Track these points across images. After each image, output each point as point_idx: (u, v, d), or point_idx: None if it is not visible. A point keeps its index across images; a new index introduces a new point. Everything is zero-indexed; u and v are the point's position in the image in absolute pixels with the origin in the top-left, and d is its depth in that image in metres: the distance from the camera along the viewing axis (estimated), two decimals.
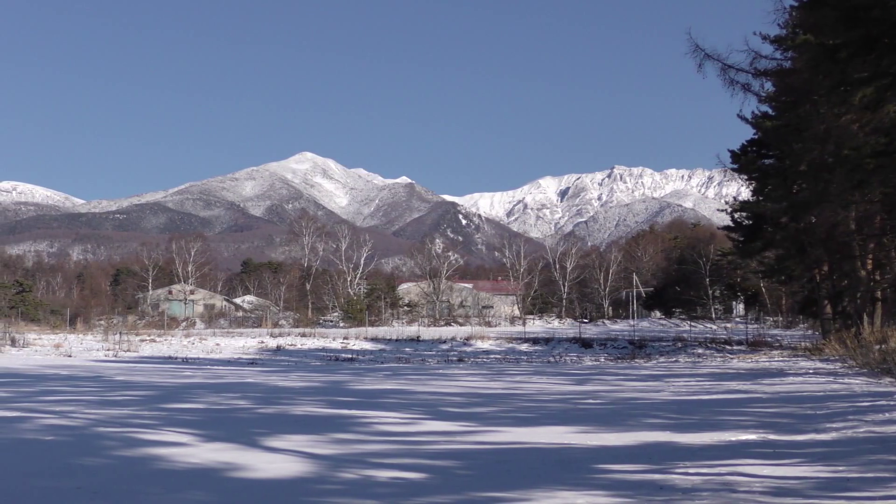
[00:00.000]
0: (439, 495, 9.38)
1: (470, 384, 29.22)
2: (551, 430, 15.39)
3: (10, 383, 26.71)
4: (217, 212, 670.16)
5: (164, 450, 12.47)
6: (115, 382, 28.27)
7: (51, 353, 51.54)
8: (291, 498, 9.24)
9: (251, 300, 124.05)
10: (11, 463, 11.25)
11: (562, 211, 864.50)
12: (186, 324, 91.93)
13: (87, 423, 15.85)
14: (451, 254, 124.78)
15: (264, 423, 16.44)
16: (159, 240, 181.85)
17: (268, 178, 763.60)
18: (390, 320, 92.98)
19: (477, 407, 20.35)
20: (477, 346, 59.28)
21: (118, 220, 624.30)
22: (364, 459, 11.77)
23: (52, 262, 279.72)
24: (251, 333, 70.95)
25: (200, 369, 38.91)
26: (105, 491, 9.45)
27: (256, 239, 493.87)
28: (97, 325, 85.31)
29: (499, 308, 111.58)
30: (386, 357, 52.81)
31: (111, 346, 58.15)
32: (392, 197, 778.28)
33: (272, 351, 57.23)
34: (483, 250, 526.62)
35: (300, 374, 35.72)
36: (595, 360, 50.15)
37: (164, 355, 52.13)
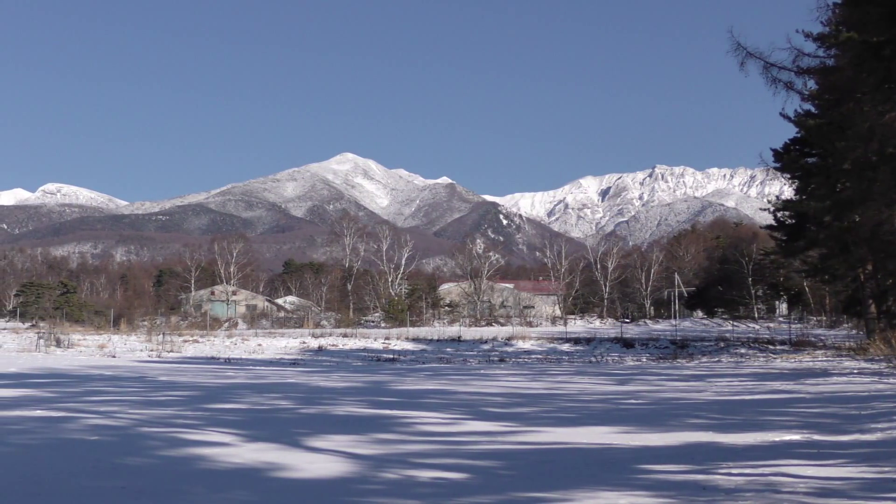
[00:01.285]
0: (481, 495, 9.37)
1: (511, 384, 29.17)
2: (593, 431, 15.35)
3: (56, 384, 26.90)
4: (259, 213, 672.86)
5: (207, 450, 12.53)
6: (158, 383, 28.42)
7: (95, 354, 51.90)
8: (333, 498, 9.26)
9: (293, 301, 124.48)
10: (57, 462, 11.34)
11: (603, 211, 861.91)
12: (229, 324, 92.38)
13: (131, 424, 15.94)
14: (492, 254, 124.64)
15: (306, 423, 16.48)
16: (202, 241, 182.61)
17: (309, 179, 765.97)
18: (431, 320, 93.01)
19: (518, 407, 20.31)
20: (518, 346, 59.17)
21: (161, 221, 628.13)
22: (406, 460, 11.78)
23: (95, 263, 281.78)
24: (293, 334, 71.12)
25: (243, 370, 39.06)
26: (149, 490, 9.50)
27: (298, 240, 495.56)
28: (140, 326, 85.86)
29: (540, 308, 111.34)
30: (427, 357, 52.81)
31: (154, 346, 58.49)
32: (433, 197, 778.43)
33: (314, 351, 57.37)
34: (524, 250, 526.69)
35: (342, 375, 35.77)
36: (637, 360, 49.95)
37: (207, 356, 52.39)
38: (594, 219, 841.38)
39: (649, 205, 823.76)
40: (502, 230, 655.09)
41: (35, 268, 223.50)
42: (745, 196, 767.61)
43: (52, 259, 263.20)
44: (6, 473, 10.42)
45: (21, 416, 17.06)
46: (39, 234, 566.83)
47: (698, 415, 18.56)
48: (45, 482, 9.92)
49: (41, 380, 28.65)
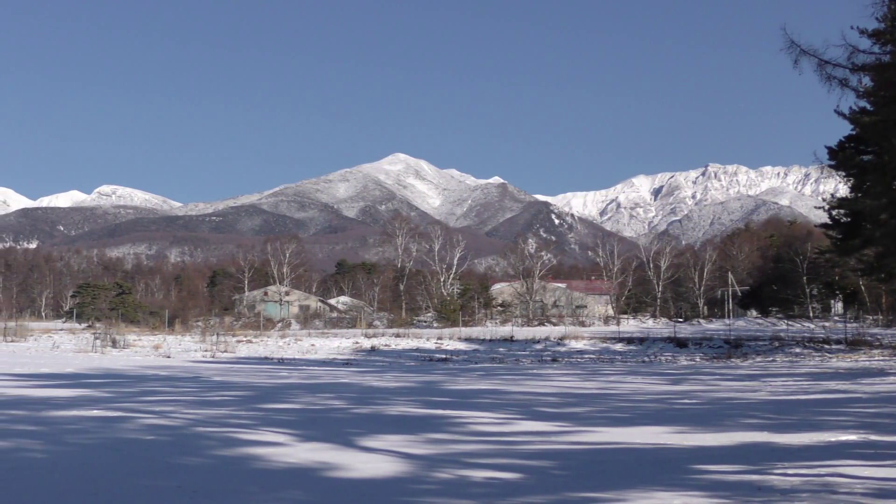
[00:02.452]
0: (535, 495, 9.36)
1: (564, 384, 29.12)
2: (647, 430, 15.29)
3: (112, 384, 27.15)
4: (311, 213, 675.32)
5: (261, 449, 12.60)
6: (212, 383, 28.62)
7: (150, 354, 52.31)
8: (387, 497, 9.28)
9: (346, 301, 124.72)
10: (114, 462, 11.44)
11: (655, 210, 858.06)
12: (282, 325, 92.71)
13: (187, 423, 16.06)
14: (545, 253, 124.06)
15: (360, 423, 16.53)
16: (255, 241, 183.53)
17: (361, 179, 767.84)
18: (484, 320, 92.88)
19: (572, 407, 20.27)
20: (571, 345, 59.02)
21: (214, 222, 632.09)
22: (459, 459, 11.79)
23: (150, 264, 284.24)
24: (346, 334, 71.30)
25: (296, 370, 39.23)
26: (204, 490, 9.57)
27: (350, 240, 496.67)
28: (195, 327, 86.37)
29: (592, 308, 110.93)
30: (480, 357, 52.80)
31: (208, 346, 58.85)
32: (485, 197, 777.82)
33: (367, 351, 57.51)
34: (576, 250, 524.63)
35: (395, 375, 35.85)
36: (690, 360, 49.71)
37: (261, 356, 52.65)
38: (646, 218, 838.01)
39: (702, 203, 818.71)
40: (554, 230, 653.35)
41: (91, 269, 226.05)
42: (799, 194, 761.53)
43: (108, 260, 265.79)
44: (64, 473, 10.53)
45: (78, 416, 17.22)
46: (95, 236, 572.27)
47: (753, 415, 18.44)
48: (102, 482, 10.01)
49: (98, 380, 28.92)
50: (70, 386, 25.77)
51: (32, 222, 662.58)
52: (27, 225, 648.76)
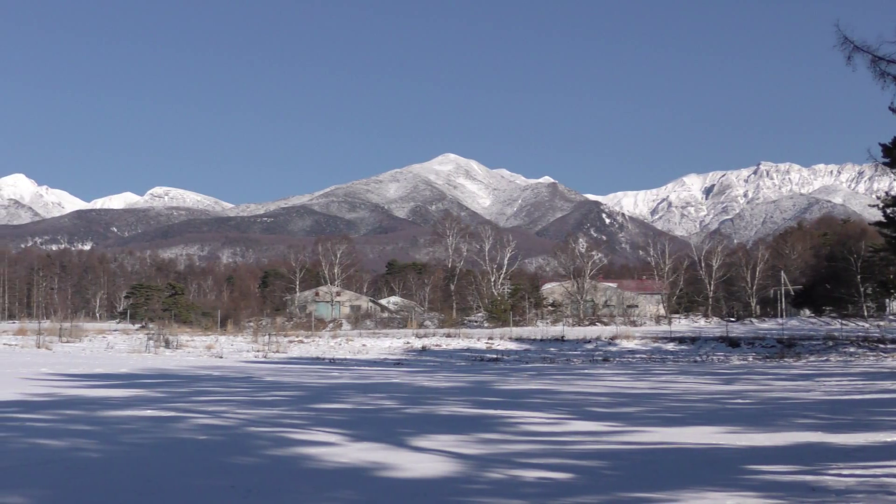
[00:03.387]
0: (587, 495, 9.34)
1: (616, 384, 29.03)
2: (699, 430, 15.22)
3: (165, 384, 27.36)
4: (362, 214, 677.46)
5: (313, 449, 12.65)
6: (264, 383, 28.76)
7: (203, 355, 52.66)
8: (439, 497, 9.29)
9: (396, 301, 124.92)
10: (168, 462, 11.53)
11: (707, 209, 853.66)
12: (333, 325, 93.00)
13: (239, 423, 16.15)
14: (595, 253, 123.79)
15: (411, 423, 16.55)
16: (306, 242, 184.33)
17: (411, 179, 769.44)
18: (534, 320, 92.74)
19: (623, 407, 20.21)
20: (622, 345, 58.82)
21: (266, 223, 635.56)
22: (511, 459, 11.78)
23: (202, 265, 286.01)
24: (397, 334, 71.44)
25: (347, 370, 39.36)
26: (257, 489, 9.63)
27: (401, 240, 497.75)
28: (247, 327, 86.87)
29: (644, 307, 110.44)
30: (531, 357, 52.74)
31: (260, 347, 59.15)
32: (535, 197, 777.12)
33: (417, 351, 57.59)
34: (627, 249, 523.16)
35: (446, 375, 35.88)
36: (743, 360, 49.42)
37: (312, 356, 52.85)
38: (698, 217, 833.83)
39: (754, 202, 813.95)
40: (605, 229, 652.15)
41: (144, 270, 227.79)
42: (852, 192, 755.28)
43: (161, 261, 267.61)
44: (119, 472, 10.63)
45: (132, 415, 17.37)
46: (148, 237, 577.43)
47: (807, 415, 18.31)
48: (156, 481, 10.10)
49: (151, 380, 29.14)
50: (124, 386, 25.99)
51: (87, 224, 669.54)
52: (81, 227, 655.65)
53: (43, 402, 20.19)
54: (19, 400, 20.48)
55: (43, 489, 9.45)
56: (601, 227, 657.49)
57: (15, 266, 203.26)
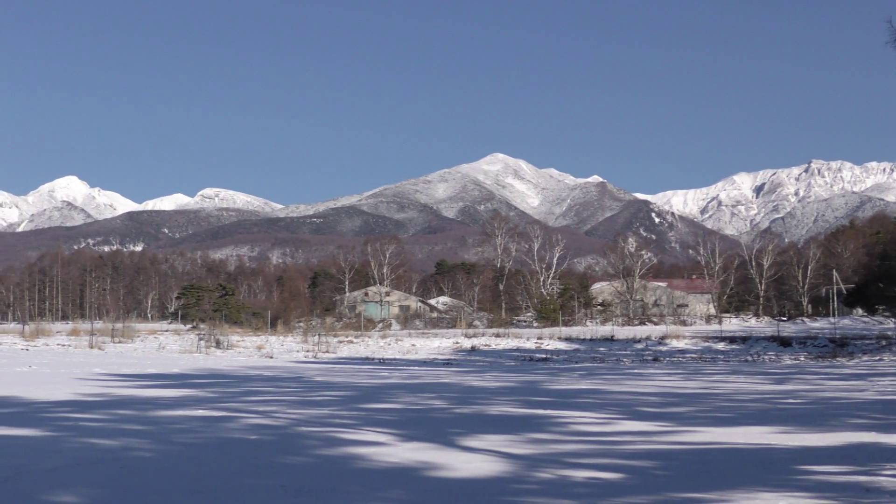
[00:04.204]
0: (637, 496, 9.31)
1: (666, 384, 28.92)
2: (750, 431, 15.12)
3: (216, 384, 27.52)
4: (410, 214, 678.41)
5: (363, 449, 12.68)
6: (315, 383, 28.88)
7: (253, 355, 52.93)
8: (489, 497, 9.29)
9: (445, 301, 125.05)
10: (219, 461, 11.60)
11: (757, 207, 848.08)
12: (382, 325, 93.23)
13: (290, 423, 16.22)
14: (644, 252, 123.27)
15: (461, 423, 16.56)
16: (355, 243, 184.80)
17: (460, 179, 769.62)
18: (584, 320, 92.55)
19: (673, 407, 20.12)
20: (672, 345, 58.58)
21: (315, 223, 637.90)
22: (560, 459, 11.76)
23: (252, 265, 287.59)
24: (446, 334, 71.52)
25: (397, 370, 39.44)
26: (308, 489, 9.66)
27: (449, 240, 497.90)
28: (296, 327, 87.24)
29: (694, 307, 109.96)
30: (580, 357, 52.64)
31: (310, 347, 59.38)
32: (584, 196, 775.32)
33: (467, 351, 57.64)
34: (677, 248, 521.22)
35: (495, 375, 35.87)
36: (794, 359, 49.06)
37: (362, 356, 53.01)
38: (748, 216, 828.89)
39: (805, 201, 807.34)
40: (654, 228, 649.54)
41: (195, 271, 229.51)
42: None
43: (211, 262, 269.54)
44: (170, 472, 10.70)
45: (184, 415, 17.49)
46: (199, 238, 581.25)
47: (860, 415, 18.15)
48: (208, 480, 10.16)
49: (202, 380, 29.33)
50: (176, 386, 26.17)
51: (138, 225, 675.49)
52: (133, 228, 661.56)
53: (96, 401, 20.38)
54: (73, 400, 20.68)
55: (96, 488, 9.54)
56: (651, 227, 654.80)
57: (68, 267, 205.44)
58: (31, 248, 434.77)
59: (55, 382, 26.56)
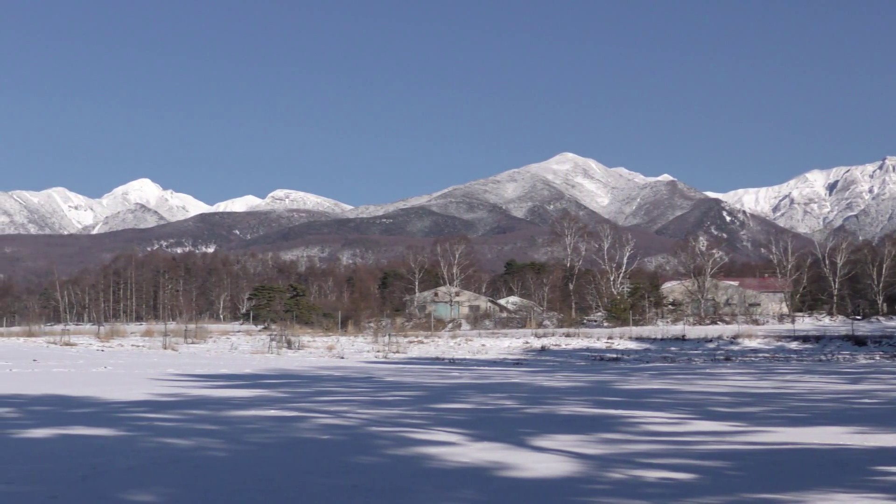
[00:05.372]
0: (710, 496, 9.23)
1: (738, 383, 28.68)
2: (825, 431, 14.95)
3: (288, 384, 27.71)
4: (480, 214, 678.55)
5: (434, 449, 12.69)
6: (385, 383, 28.97)
7: (324, 355, 53.24)
8: (560, 497, 9.26)
9: (515, 301, 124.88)
10: (291, 461, 11.67)
11: (830, 205, 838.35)
12: (452, 325, 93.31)
13: (361, 423, 16.28)
14: (716, 251, 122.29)
15: (531, 422, 16.53)
16: (424, 243, 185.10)
17: (529, 179, 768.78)
18: (654, 319, 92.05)
19: (746, 406, 19.94)
20: (744, 344, 58.10)
21: (385, 224, 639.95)
22: (632, 459, 11.70)
23: (323, 266, 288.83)
24: (516, 334, 71.46)
25: (467, 370, 39.47)
26: (379, 489, 9.69)
27: (519, 240, 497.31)
28: (367, 328, 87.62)
29: (766, 306, 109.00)
30: (651, 356, 52.36)
31: (380, 347, 59.61)
32: (654, 195, 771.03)
33: (537, 351, 57.55)
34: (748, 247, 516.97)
35: (565, 374, 35.78)
36: (869, 359, 48.46)
37: (432, 356, 53.10)
38: (821, 213, 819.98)
39: (880, 198, 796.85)
40: (725, 227, 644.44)
41: (266, 272, 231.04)
42: None
43: (282, 263, 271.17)
44: (243, 471, 10.79)
45: (256, 415, 17.63)
46: (270, 239, 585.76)
47: None
48: (280, 480, 10.23)
49: (274, 381, 29.55)
50: (248, 386, 26.39)
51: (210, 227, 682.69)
52: (205, 230, 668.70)
53: (170, 402, 20.61)
54: (148, 400, 20.95)
55: (171, 487, 9.65)
56: (722, 225, 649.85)
57: (142, 269, 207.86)
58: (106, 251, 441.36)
59: (130, 383, 26.91)
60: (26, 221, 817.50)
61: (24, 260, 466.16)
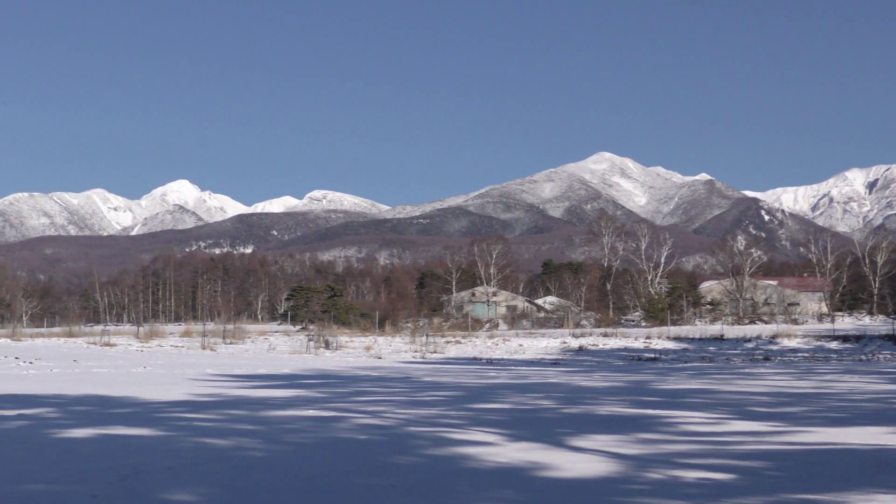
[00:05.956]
0: (749, 497, 9.19)
1: (777, 383, 28.54)
2: (866, 431, 14.85)
3: (326, 385, 27.80)
4: (517, 214, 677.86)
5: (472, 449, 12.70)
6: (423, 383, 29.03)
7: (362, 356, 53.40)
8: (598, 498, 9.25)
9: (552, 301, 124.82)
10: (329, 461, 11.71)
11: (870, 203, 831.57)
12: (489, 325, 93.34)
13: (398, 423, 16.31)
14: (754, 251, 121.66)
15: (569, 422, 16.51)
16: (461, 243, 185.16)
17: (566, 179, 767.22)
18: (692, 319, 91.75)
19: (786, 406, 19.85)
20: (783, 344, 57.81)
21: (422, 224, 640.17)
22: (670, 460, 11.67)
23: (360, 266, 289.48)
24: (553, 334, 71.40)
25: (504, 370, 39.48)
26: (417, 489, 9.71)
27: (556, 240, 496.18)
28: (404, 328, 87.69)
29: (805, 305, 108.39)
30: (689, 356, 52.21)
31: (418, 347, 59.73)
32: (691, 194, 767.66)
33: (574, 351, 57.49)
34: (787, 246, 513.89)
35: (603, 374, 35.73)
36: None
37: (469, 356, 53.17)
38: (861, 212, 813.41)
39: None
40: (764, 226, 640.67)
41: (304, 272, 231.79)
42: None
43: (320, 263, 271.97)
44: (282, 471, 10.84)
45: (294, 415, 17.70)
46: (307, 240, 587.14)
47: None
48: (319, 480, 10.26)
49: (312, 381, 29.66)
50: (286, 386, 26.50)
51: (248, 228, 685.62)
52: (243, 230, 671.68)
53: (209, 402, 20.74)
54: (187, 400, 21.08)
55: (211, 487, 9.70)
56: (760, 224, 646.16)
57: (180, 269, 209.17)
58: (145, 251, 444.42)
59: (169, 383, 27.09)
60: (66, 223, 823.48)
61: (65, 261, 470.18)
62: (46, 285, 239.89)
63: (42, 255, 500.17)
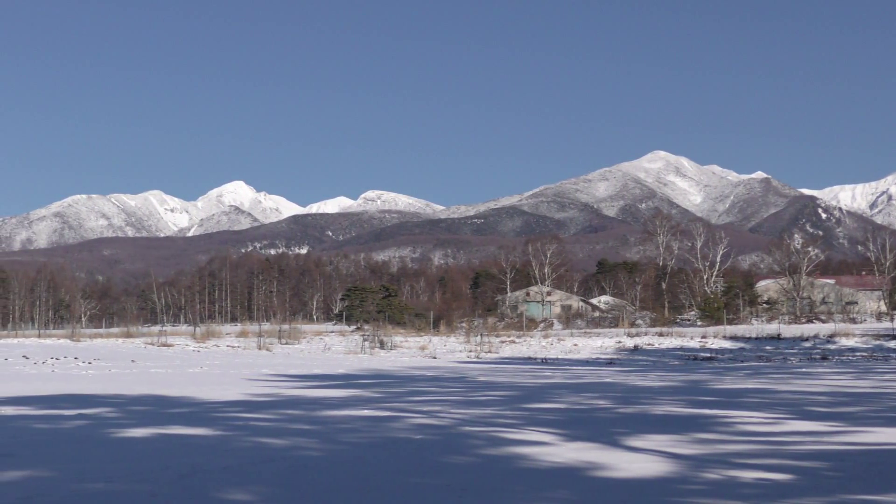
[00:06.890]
0: (808, 497, 9.12)
1: (835, 383, 28.27)
2: None
3: (381, 384, 27.87)
4: (571, 213, 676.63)
5: (527, 449, 12.68)
6: (478, 383, 29.02)
7: (416, 355, 53.44)
8: (655, 498, 9.21)
9: (607, 300, 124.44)
10: (385, 460, 11.74)
11: None
12: (544, 325, 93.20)
13: (454, 423, 16.31)
14: (811, 249, 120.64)
15: (625, 422, 16.44)
16: (516, 243, 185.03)
17: (620, 178, 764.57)
18: (749, 318, 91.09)
19: (844, 406, 19.66)
20: (841, 343, 57.21)
21: (476, 224, 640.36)
22: (727, 460, 11.59)
23: (414, 266, 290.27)
24: (608, 333, 71.14)
25: (559, 369, 39.38)
26: (472, 488, 9.71)
27: (610, 239, 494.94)
28: (459, 328, 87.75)
29: (863, 304, 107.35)
30: (746, 356, 51.80)
31: (472, 347, 59.68)
32: (747, 193, 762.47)
33: (629, 350, 57.23)
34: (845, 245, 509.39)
35: (659, 374, 35.54)
36: None
37: (524, 356, 53.05)
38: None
39: None
40: (821, 224, 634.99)
41: (358, 272, 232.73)
42: None
43: (374, 264, 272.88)
44: (337, 471, 10.88)
45: (350, 415, 17.75)
46: (362, 240, 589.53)
47: None
48: (374, 479, 10.29)
49: (367, 381, 29.74)
50: (341, 386, 26.59)
51: (303, 228, 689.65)
52: (298, 231, 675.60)
53: (265, 402, 20.86)
54: (243, 400, 21.22)
55: (268, 486, 9.76)
56: (817, 223, 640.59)
57: (236, 270, 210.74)
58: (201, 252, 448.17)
59: (226, 383, 27.28)
60: (124, 224, 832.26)
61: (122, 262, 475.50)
62: (105, 286, 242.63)
63: (100, 256, 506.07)
